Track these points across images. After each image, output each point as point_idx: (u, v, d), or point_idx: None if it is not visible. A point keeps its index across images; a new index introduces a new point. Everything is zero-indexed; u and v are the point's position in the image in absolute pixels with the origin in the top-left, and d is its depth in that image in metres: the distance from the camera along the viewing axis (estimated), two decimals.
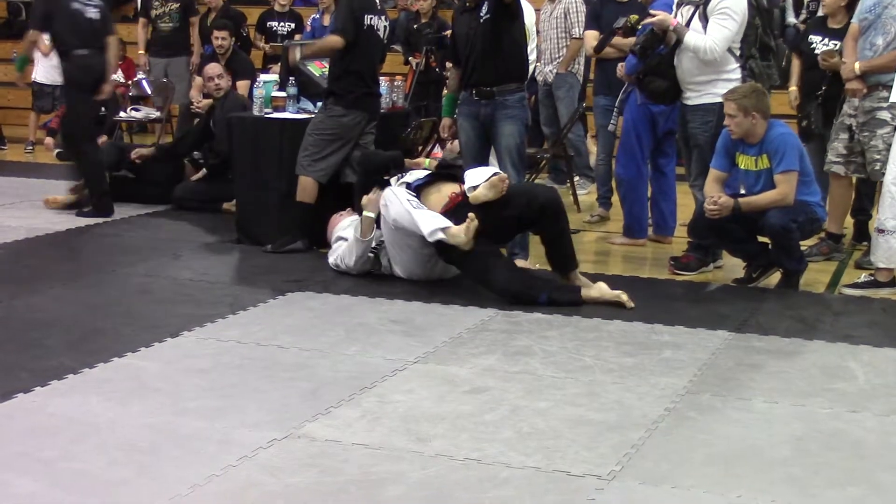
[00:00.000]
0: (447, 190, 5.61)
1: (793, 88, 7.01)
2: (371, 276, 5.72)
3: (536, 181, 7.61)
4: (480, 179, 5.42)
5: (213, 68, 8.12)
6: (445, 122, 6.41)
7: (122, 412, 3.75)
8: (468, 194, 5.38)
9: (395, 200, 5.48)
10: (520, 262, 5.97)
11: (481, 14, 5.88)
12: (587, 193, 8.41)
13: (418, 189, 5.63)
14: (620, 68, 6.74)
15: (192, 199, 7.73)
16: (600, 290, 5.28)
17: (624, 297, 5.21)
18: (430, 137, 7.43)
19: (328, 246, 6.43)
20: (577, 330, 4.86)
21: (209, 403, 3.84)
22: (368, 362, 4.35)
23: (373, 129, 6.47)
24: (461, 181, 5.58)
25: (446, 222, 5.32)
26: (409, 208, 5.42)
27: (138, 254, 6.33)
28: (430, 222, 5.33)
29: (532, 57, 7.06)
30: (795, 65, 7.02)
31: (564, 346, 4.60)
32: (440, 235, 5.28)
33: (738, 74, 5.88)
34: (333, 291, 5.49)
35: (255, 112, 6.79)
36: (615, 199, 7.41)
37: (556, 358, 4.44)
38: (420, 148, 7.47)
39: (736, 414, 3.84)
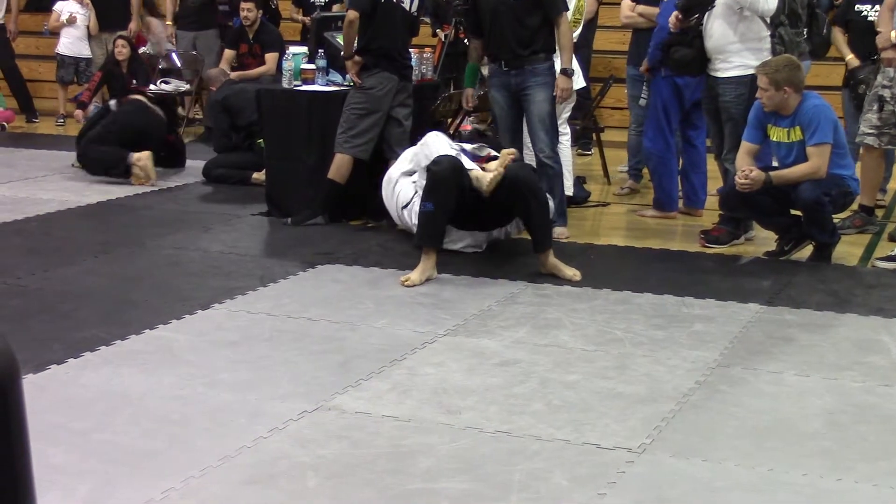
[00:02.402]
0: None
1: (850, 57, 6.91)
2: (401, 249, 5.72)
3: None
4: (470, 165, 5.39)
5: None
6: (467, 91, 6.45)
7: (154, 384, 3.78)
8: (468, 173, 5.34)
9: (436, 141, 5.55)
10: (556, 231, 6.00)
11: None
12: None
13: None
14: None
15: (222, 167, 7.74)
16: (559, 271, 5.23)
17: (575, 275, 5.19)
18: (459, 110, 7.39)
19: (356, 219, 6.46)
20: (606, 302, 4.85)
21: (240, 376, 3.86)
22: (398, 335, 4.35)
23: (408, 100, 6.44)
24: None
25: (475, 165, 5.39)
26: (448, 146, 5.50)
27: (168, 226, 6.36)
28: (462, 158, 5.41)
29: (577, 31, 7.02)
30: (840, 38, 6.90)
31: (594, 319, 4.59)
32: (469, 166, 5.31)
33: (767, 44, 5.81)
34: (363, 264, 5.49)
35: (285, 84, 6.79)
36: (646, 171, 7.37)
37: (585, 331, 4.43)
38: (450, 120, 7.44)
39: (767, 387, 3.82)
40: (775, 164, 5.74)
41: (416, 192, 5.84)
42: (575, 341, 4.30)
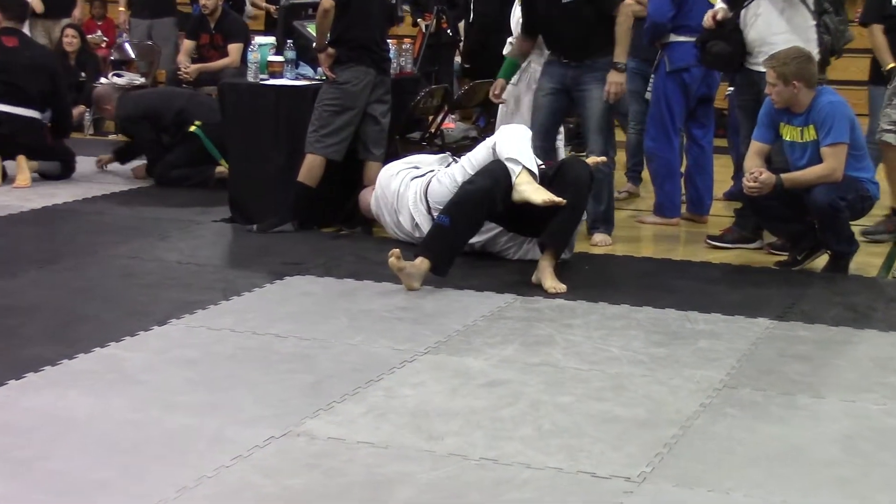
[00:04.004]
0: None
1: (893, 65, 6.72)
2: (378, 259, 5.71)
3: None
4: (525, 160, 5.35)
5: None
6: (499, 82, 6.48)
7: (104, 407, 3.76)
8: (512, 179, 5.32)
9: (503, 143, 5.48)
10: (598, 238, 6.09)
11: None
12: None
13: None
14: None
15: (177, 167, 7.72)
16: (543, 279, 5.25)
17: (555, 289, 5.20)
18: (441, 106, 7.40)
19: (328, 225, 6.46)
20: (602, 317, 4.85)
21: (200, 398, 3.84)
22: (374, 353, 4.34)
23: (386, 96, 6.45)
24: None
25: (532, 165, 5.34)
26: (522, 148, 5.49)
27: (121, 234, 6.33)
28: (519, 150, 5.36)
29: None
30: (881, 41, 6.80)
31: (589, 336, 4.59)
32: (516, 167, 5.28)
33: (814, 34, 5.86)
34: (336, 275, 5.48)
35: (250, 78, 6.78)
36: (645, 173, 7.39)
37: (579, 348, 4.43)
38: (431, 118, 7.45)
39: (779, 410, 3.82)
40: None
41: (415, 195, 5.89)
42: (568, 360, 4.29)
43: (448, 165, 6.04)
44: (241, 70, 8.01)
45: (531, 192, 5.25)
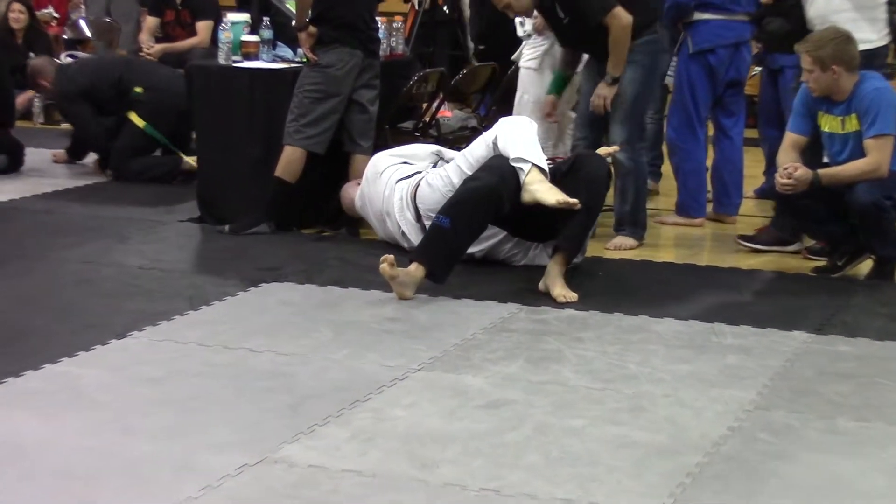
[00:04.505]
0: None
1: None
2: (365, 264, 5.71)
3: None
4: (533, 156, 5.35)
5: None
6: (549, 99, 6.54)
7: (56, 431, 3.75)
8: (521, 178, 5.32)
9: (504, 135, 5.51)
10: (617, 240, 6.11)
11: (560, 17, 6.10)
12: None
13: None
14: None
15: (135, 154, 7.73)
16: (552, 286, 5.26)
17: (566, 298, 5.21)
18: (436, 93, 7.40)
19: (310, 226, 6.45)
20: (618, 330, 4.85)
21: (164, 421, 3.84)
22: (361, 370, 4.34)
23: (374, 80, 6.45)
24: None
25: (542, 162, 5.35)
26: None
27: (75, 235, 6.33)
28: (526, 145, 5.37)
29: None
30: None
31: (603, 350, 4.59)
32: (524, 165, 5.28)
33: (883, 13, 5.88)
34: (318, 282, 5.48)
35: (221, 60, 6.77)
36: (666, 167, 7.40)
37: (592, 365, 4.43)
38: (425, 106, 7.45)
39: (817, 435, 3.82)
40: (826, 159, 5.77)
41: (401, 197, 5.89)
42: (579, 378, 4.29)
43: (435, 165, 6.03)
44: (211, 51, 8.04)
45: (543, 192, 5.25)
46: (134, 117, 7.66)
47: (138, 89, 7.64)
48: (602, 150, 5.79)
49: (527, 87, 7.02)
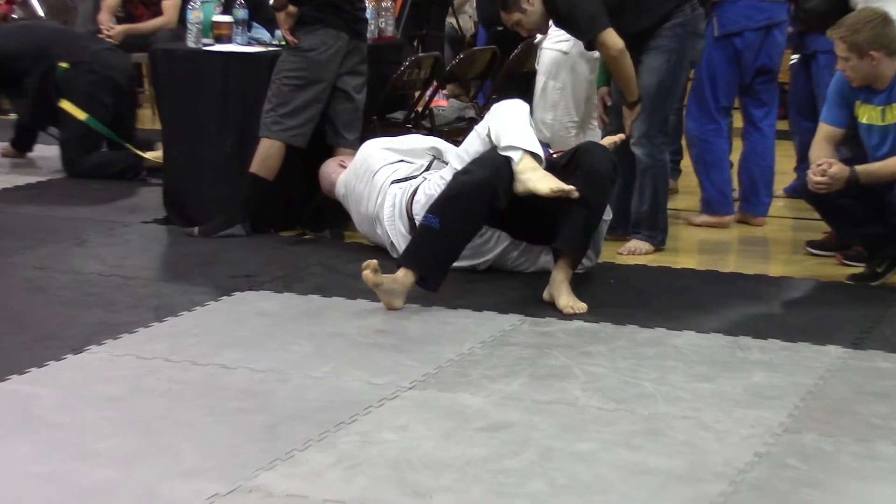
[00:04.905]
0: None
1: None
2: (350, 270, 5.71)
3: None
4: (525, 142, 5.36)
5: None
6: (602, 91, 6.52)
7: (5, 457, 3.74)
8: (513, 168, 5.33)
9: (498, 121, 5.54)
10: (630, 244, 6.14)
11: None
12: None
13: None
14: None
15: (90, 145, 7.75)
16: (557, 295, 5.27)
17: (573, 308, 5.22)
18: (430, 80, 7.41)
19: (289, 228, 6.45)
20: (632, 344, 4.86)
21: (126, 444, 3.84)
22: (346, 388, 4.34)
23: (361, 66, 6.46)
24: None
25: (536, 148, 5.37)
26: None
27: (27, 238, 6.33)
28: (518, 131, 5.39)
29: None
30: None
31: (615, 367, 4.59)
32: (515, 153, 5.30)
33: None
34: (298, 290, 5.48)
35: (190, 43, 6.78)
36: (686, 163, 7.40)
37: (603, 382, 4.43)
38: (418, 94, 7.46)
39: (853, 461, 3.83)
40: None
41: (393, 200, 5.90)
42: (588, 397, 4.30)
43: (430, 164, 6.03)
44: (178, 32, 8.01)
45: (536, 180, 5.26)
46: (68, 106, 7.64)
47: (63, 64, 7.61)
48: (607, 140, 5.80)
49: (553, 72, 7.01)
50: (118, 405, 4.16)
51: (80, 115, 7.68)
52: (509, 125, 5.40)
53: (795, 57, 7.19)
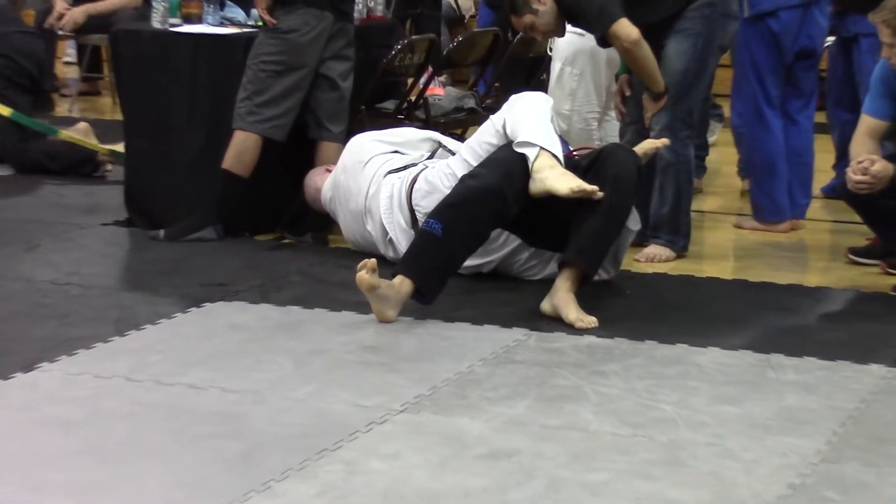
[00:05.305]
0: None
1: None
2: (336, 279, 5.72)
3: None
4: (543, 139, 5.37)
5: None
6: (623, 78, 6.53)
7: None
8: (529, 161, 5.34)
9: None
10: (648, 250, 6.16)
11: None
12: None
13: None
14: None
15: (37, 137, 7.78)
16: (562, 308, 5.28)
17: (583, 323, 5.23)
18: (424, 66, 7.41)
19: (266, 231, 6.46)
20: (650, 362, 4.86)
21: (83, 474, 3.84)
22: (330, 411, 4.35)
23: (347, 50, 6.46)
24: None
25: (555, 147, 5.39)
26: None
27: None
28: (536, 126, 5.40)
29: None
30: None
31: (631, 388, 4.60)
32: (531, 150, 5.32)
33: None
34: (276, 301, 5.49)
35: (156, 24, 6.78)
36: (711, 159, 7.41)
37: (618, 405, 4.44)
38: (410, 81, 7.47)
39: None
40: None
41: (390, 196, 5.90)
42: (601, 422, 4.30)
43: (432, 155, 6.04)
44: (142, 11, 8.03)
45: (554, 179, 5.27)
46: None
47: None
48: (647, 144, 5.78)
49: (571, 56, 7.03)
50: (74, 430, 4.15)
51: (4, 110, 7.69)
52: (528, 119, 5.41)
53: (831, 39, 7.19)
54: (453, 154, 5.88)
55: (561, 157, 5.37)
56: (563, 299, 5.27)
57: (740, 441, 4.16)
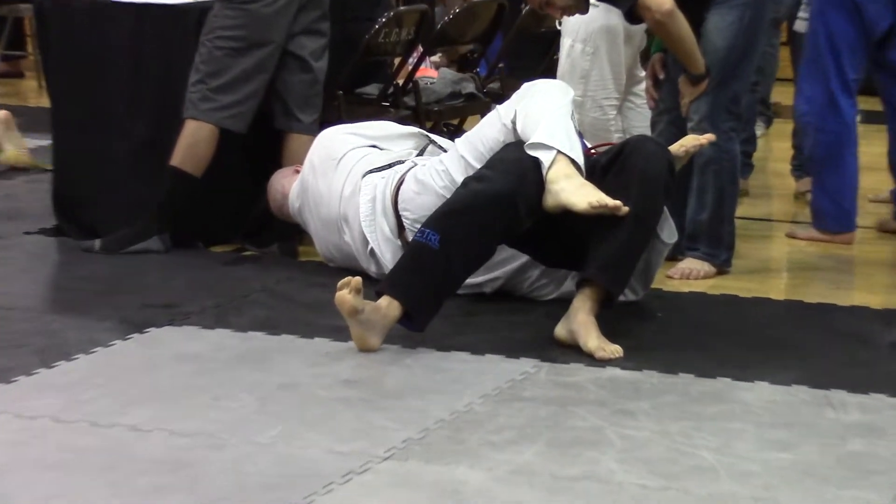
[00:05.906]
0: None
1: None
2: (306, 299, 5.73)
3: None
4: (560, 141, 5.38)
5: None
6: (656, 58, 6.55)
7: None
8: (543, 168, 5.34)
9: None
10: (684, 265, 6.19)
11: None
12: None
13: None
14: None
15: None
16: (581, 335, 5.28)
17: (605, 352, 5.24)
18: (414, 43, 7.43)
19: (224, 242, 6.47)
20: (686, 399, 4.87)
21: None
22: (301, 457, 4.35)
23: (321, 23, 6.47)
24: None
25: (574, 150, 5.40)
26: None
27: None
28: (552, 124, 5.41)
29: None
30: None
31: (663, 430, 4.60)
32: (546, 155, 5.32)
33: None
34: (236, 326, 5.50)
35: None
36: (758, 156, 7.43)
37: (646, 451, 4.44)
38: (398, 61, 7.49)
39: None
40: None
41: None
42: (627, 471, 4.30)
43: (421, 152, 6.05)
44: None
45: (571, 192, 5.26)
46: None
47: None
48: (688, 141, 5.77)
49: (581, 31, 7.04)
50: None
51: None
52: (543, 115, 5.40)
53: None
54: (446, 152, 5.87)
55: (582, 163, 5.36)
56: (581, 324, 5.27)
57: (794, 495, 4.17)
